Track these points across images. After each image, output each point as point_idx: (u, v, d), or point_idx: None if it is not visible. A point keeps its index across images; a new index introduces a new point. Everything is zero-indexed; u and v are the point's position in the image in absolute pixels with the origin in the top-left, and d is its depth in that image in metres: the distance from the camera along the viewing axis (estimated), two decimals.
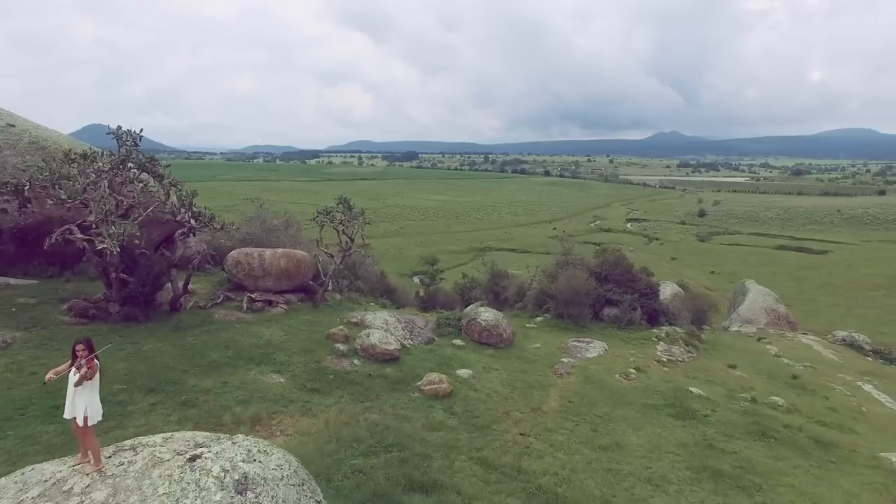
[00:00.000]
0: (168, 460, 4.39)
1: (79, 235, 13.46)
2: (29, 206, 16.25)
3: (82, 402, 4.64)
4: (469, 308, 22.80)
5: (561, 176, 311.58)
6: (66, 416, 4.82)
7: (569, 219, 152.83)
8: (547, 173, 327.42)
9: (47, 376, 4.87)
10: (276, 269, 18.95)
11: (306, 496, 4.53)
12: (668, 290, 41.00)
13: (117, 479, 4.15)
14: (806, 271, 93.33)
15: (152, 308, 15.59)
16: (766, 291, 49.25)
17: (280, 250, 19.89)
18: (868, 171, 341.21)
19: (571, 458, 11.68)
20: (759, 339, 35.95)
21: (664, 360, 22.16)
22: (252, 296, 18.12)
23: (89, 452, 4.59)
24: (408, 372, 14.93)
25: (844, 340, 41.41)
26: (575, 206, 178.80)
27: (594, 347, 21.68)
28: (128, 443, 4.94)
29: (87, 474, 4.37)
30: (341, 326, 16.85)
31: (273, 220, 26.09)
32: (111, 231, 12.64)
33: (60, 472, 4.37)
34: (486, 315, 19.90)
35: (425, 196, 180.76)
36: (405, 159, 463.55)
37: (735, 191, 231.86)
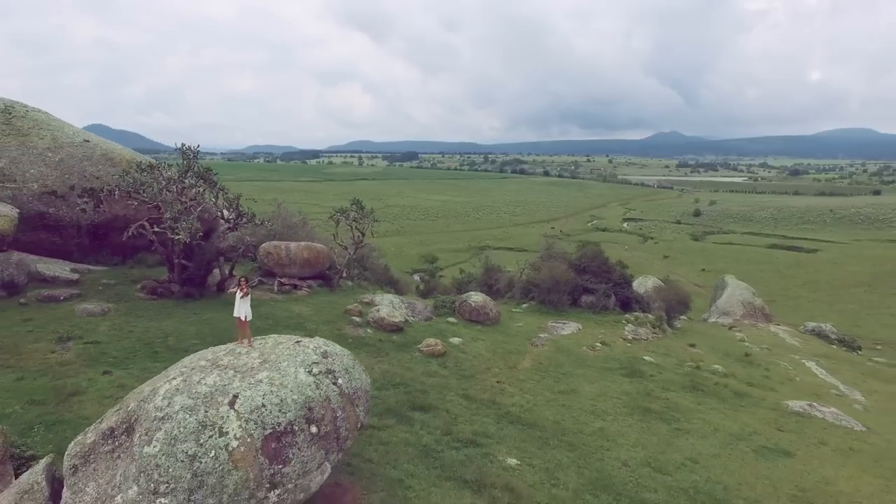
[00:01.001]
0: (284, 342, 8.12)
1: (154, 228, 17.14)
2: (101, 206, 20.03)
3: (244, 308, 8.46)
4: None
5: (560, 176, 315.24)
6: (235, 315, 8.64)
7: (567, 218, 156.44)
8: (546, 173, 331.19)
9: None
10: (299, 259, 22.62)
11: (357, 364, 8.29)
12: (649, 283, 44.78)
13: (262, 349, 7.87)
14: (793, 269, 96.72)
15: (204, 288, 19.28)
16: (743, 286, 52.83)
17: (302, 243, 23.54)
18: (866, 171, 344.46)
19: (535, 397, 15.38)
20: (730, 328, 39.60)
21: (630, 338, 25.84)
22: (281, 280, 21.84)
23: (245, 339, 8.33)
24: (410, 339, 18.64)
25: (813, 331, 45.23)
26: (573, 205, 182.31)
27: (569, 327, 25.36)
28: (258, 336, 8.71)
29: (246, 347, 8.09)
30: (356, 304, 20.58)
31: (292, 218, 29.80)
32: (184, 225, 16.32)
33: (232, 346, 8.13)
34: (476, 297, 23.62)
35: (425, 196, 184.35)
36: (405, 159, 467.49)
37: (732, 191, 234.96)
